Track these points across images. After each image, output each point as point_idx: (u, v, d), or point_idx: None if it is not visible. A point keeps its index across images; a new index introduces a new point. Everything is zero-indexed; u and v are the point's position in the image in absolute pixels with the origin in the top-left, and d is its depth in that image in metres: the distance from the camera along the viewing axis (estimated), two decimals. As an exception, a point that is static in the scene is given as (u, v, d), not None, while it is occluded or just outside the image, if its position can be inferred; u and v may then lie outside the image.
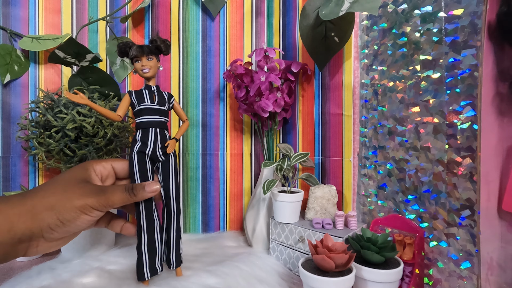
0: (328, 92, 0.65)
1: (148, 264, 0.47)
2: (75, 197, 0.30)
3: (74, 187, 0.31)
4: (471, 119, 0.44)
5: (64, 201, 0.29)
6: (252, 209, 0.68)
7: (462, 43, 0.45)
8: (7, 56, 0.66)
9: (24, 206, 0.28)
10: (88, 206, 0.30)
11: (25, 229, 0.27)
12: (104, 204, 0.32)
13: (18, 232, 0.27)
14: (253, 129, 0.78)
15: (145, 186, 0.36)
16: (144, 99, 0.49)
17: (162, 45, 0.50)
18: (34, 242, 0.29)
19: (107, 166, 0.38)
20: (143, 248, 0.47)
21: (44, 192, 0.30)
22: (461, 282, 0.45)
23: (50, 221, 0.28)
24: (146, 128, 0.49)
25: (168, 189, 0.50)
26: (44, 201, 0.29)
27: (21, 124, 0.59)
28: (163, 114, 0.51)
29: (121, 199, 0.33)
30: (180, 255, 0.52)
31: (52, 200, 0.29)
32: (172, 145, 0.50)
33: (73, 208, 0.29)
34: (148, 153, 0.48)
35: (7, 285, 0.49)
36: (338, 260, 0.41)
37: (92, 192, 0.31)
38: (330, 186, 0.60)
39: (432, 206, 0.49)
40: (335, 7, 0.51)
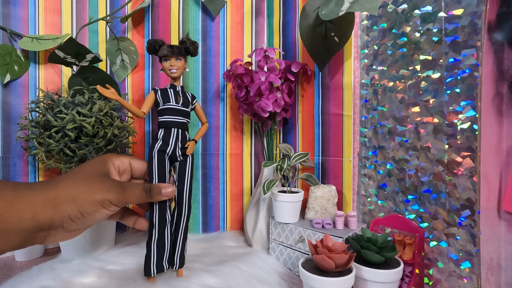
0: (328, 92, 0.65)
1: (155, 260, 0.48)
2: (96, 191, 0.31)
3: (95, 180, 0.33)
4: (471, 119, 0.44)
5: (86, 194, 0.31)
6: (252, 209, 0.68)
7: (462, 43, 0.45)
8: (7, 56, 0.66)
9: (48, 195, 0.29)
10: (108, 201, 0.32)
11: (47, 219, 0.28)
12: (122, 200, 0.33)
13: (41, 221, 0.28)
14: (253, 129, 0.78)
15: (162, 189, 0.38)
16: (169, 99, 0.51)
17: (191, 47, 0.51)
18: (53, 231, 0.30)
19: (125, 162, 0.40)
20: (153, 245, 0.48)
21: (66, 183, 0.31)
22: (461, 282, 0.45)
23: (71, 212, 0.29)
24: (169, 128, 0.50)
25: (182, 190, 0.51)
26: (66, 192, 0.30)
27: (21, 124, 0.59)
28: (186, 115, 0.52)
29: (138, 197, 0.35)
30: (184, 257, 0.52)
31: (74, 192, 0.30)
32: (192, 147, 0.51)
33: (93, 201, 0.31)
34: (168, 152, 0.49)
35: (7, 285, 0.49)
36: (338, 260, 0.41)
37: (112, 188, 0.33)
38: (330, 186, 0.60)
39: (432, 206, 0.49)
40: (335, 7, 0.51)
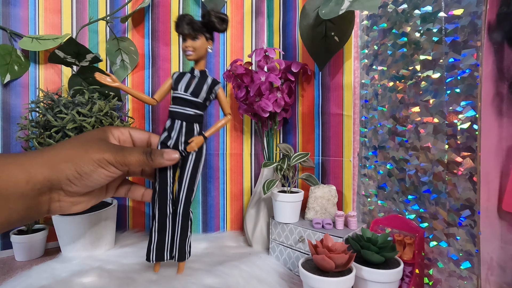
0: (328, 92, 0.65)
1: (155, 247, 0.46)
2: (93, 151, 0.31)
3: (93, 143, 0.32)
4: (471, 119, 0.44)
5: (82, 153, 0.30)
6: (252, 209, 0.68)
7: (462, 43, 0.45)
8: (7, 56, 0.66)
9: (42, 158, 0.28)
10: (105, 160, 0.31)
11: (44, 179, 0.28)
12: (120, 161, 0.32)
13: (37, 183, 0.27)
14: (253, 129, 0.78)
15: (164, 153, 0.37)
16: (178, 86, 0.45)
17: (215, 20, 0.42)
18: (55, 194, 0.29)
19: (125, 132, 0.39)
20: (154, 232, 0.46)
21: (62, 145, 0.31)
22: (461, 282, 0.45)
23: (68, 172, 0.29)
24: (173, 118, 0.45)
25: (179, 189, 0.46)
26: (62, 153, 0.30)
27: (21, 124, 0.59)
28: (196, 106, 0.45)
29: (138, 160, 0.34)
30: (184, 251, 0.48)
31: (70, 153, 0.30)
32: (196, 143, 0.44)
33: (90, 160, 0.30)
34: (170, 146, 0.44)
35: (7, 285, 0.49)
36: (338, 260, 0.41)
37: (109, 148, 0.32)
38: (330, 186, 0.60)
39: (432, 206, 0.49)
40: (335, 6, 0.51)
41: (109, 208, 0.63)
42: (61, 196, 0.30)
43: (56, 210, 0.30)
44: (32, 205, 0.28)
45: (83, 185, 0.31)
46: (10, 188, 0.26)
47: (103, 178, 0.32)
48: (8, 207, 0.26)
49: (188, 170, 0.46)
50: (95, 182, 0.32)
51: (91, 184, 0.31)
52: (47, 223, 0.69)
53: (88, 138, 0.33)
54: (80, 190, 0.31)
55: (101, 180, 0.32)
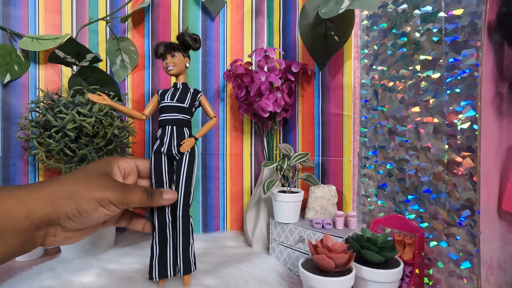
0: (328, 92, 0.65)
1: (157, 264, 0.46)
2: (95, 189, 0.30)
3: (96, 179, 0.31)
4: (471, 119, 0.44)
5: (84, 191, 0.29)
6: (252, 209, 0.68)
7: (462, 43, 0.45)
8: (7, 56, 0.66)
9: (43, 193, 0.28)
10: (107, 200, 0.30)
11: (43, 215, 0.27)
12: (122, 201, 0.32)
13: (36, 219, 0.27)
14: (253, 129, 0.78)
15: (163, 193, 0.37)
16: (165, 97, 0.50)
17: (188, 39, 0.49)
18: (52, 229, 0.29)
19: (131, 163, 0.39)
20: (154, 247, 0.46)
21: (65, 180, 0.30)
22: (461, 282, 0.45)
23: (68, 209, 0.28)
24: (164, 125, 0.49)
25: (177, 191, 0.47)
26: (63, 189, 0.29)
27: (21, 124, 0.59)
28: (182, 111, 0.50)
29: (139, 199, 0.34)
30: (190, 262, 0.47)
31: (72, 189, 0.29)
32: (188, 144, 0.48)
33: (91, 199, 0.29)
34: (164, 151, 0.48)
35: (7, 285, 0.49)
36: (338, 260, 0.41)
37: (112, 187, 0.31)
38: (330, 186, 0.60)
39: (432, 206, 0.49)
40: (334, 5, 0.51)
41: (109, 208, 0.63)
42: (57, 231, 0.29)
43: (49, 244, 0.30)
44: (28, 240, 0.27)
45: (82, 223, 0.30)
46: (8, 223, 0.25)
47: (102, 217, 0.31)
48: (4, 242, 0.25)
49: (183, 172, 0.48)
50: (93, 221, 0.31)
51: (89, 222, 0.31)
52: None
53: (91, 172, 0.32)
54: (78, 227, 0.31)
55: (99, 219, 0.31)
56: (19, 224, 0.26)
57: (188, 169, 0.48)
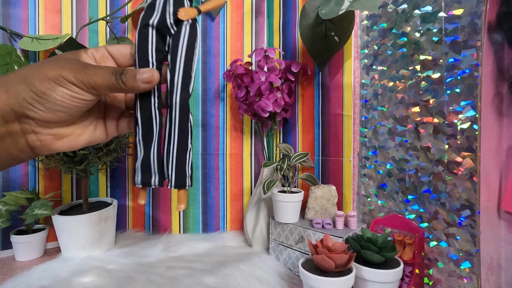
0: (328, 92, 0.65)
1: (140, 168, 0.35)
2: (49, 68, 0.27)
3: (51, 61, 0.28)
4: (471, 119, 0.44)
5: (36, 72, 0.27)
6: (252, 209, 0.68)
7: (462, 43, 0.45)
8: (7, 56, 0.66)
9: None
10: (62, 77, 0.27)
11: (2, 104, 0.25)
12: (84, 80, 0.27)
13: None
14: (253, 129, 0.78)
15: (138, 73, 0.30)
16: None
17: None
18: (25, 124, 0.27)
19: (100, 49, 0.33)
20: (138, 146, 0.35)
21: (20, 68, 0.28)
22: (461, 282, 0.45)
23: (24, 94, 0.26)
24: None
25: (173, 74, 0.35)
26: (16, 74, 0.27)
27: (21, 124, 0.59)
28: None
29: (105, 82, 0.28)
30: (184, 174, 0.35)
31: (24, 73, 0.27)
32: (188, 13, 0.34)
33: (44, 77, 0.26)
34: (153, 23, 0.34)
35: (7, 285, 0.49)
36: (338, 260, 0.41)
37: (69, 65, 0.28)
38: (330, 186, 0.60)
39: (432, 206, 0.49)
40: (335, 6, 0.51)
41: (109, 208, 0.63)
42: (32, 126, 0.27)
43: (37, 145, 0.27)
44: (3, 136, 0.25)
45: (49, 109, 0.27)
46: None
47: (69, 100, 0.27)
48: None
49: (182, 47, 0.35)
50: (61, 105, 0.27)
51: (57, 107, 0.27)
52: (47, 223, 0.69)
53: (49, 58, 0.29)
54: (50, 116, 0.27)
55: (67, 102, 0.27)
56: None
57: (188, 44, 0.35)
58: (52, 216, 0.60)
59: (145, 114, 0.34)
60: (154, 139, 0.35)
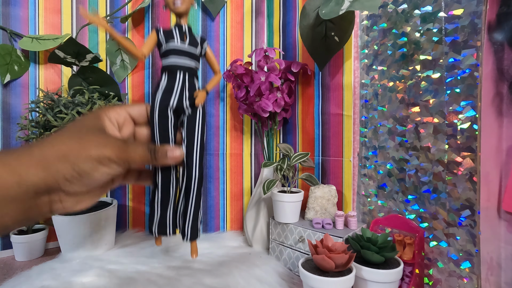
0: (328, 92, 0.65)
1: (158, 221, 0.42)
2: (92, 146, 0.27)
3: (90, 135, 0.28)
4: (471, 119, 0.44)
5: (79, 150, 0.27)
6: (252, 209, 0.68)
7: (462, 43, 0.45)
8: (7, 56, 0.66)
9: (32, 156, 0.25)
10: (106, 158, 0.28)
11: (38, 181, 0.25)
12: (123, 158, 0.29)
13: (31, 186, 0.25)
14: (253, 129, 0.78)
15: (168, 152, 0.33)
16: (173, 38, 0.42)
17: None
18: (55, 196, 0.27)
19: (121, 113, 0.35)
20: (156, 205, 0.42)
21: (54, 140, 0.27)
22: (461, 282, 0.45)
23: (65, 172, 0.26)
24: (173, 72, 0.41)
25: (192, 149, 0.42)
26: (54, 150, 0.26)
27: (21, 124, 0.59)
28: (194, 58, 0.43)
29: (141, 157, 0.31)
30: (197, 228, 0.43)
31: (64, 149, 0.26)
32: (202, 96, 0.42)
33: (89, 157, 0.27)
34: (172, 105, 0.41)
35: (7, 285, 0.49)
36: (338, 260, 0.41)
37: (110, 143, 0.28)
38: (330, 186, 0.60)
39: (432, 206, 0.49)
40: (335, 6, 0.51)
41: (109, 208, 0.63)
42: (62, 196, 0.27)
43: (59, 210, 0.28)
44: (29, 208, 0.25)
45: (84, 185, 0.28)
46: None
47: (104, 177, 0.29)
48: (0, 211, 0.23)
49: (198, 127, 0.42)
50: (96, 181, 0.28)
51: (92, 183, 0.28)
52: (47, 223, 0.69)
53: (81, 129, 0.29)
54: (83, 190, 0.28)
55: (102, 179, 0.29)
56: (11, 192, 0.24)
57: (202, 126, 0.43)
58: (52, 216, 0.60)
59: (165, 182, 0.41)
60: (170, 203, 0.42)
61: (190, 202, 0.43)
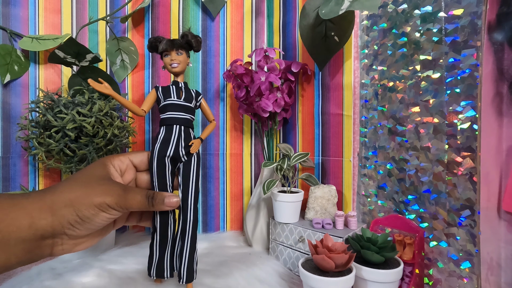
0: (328, 92, 0.65)
1: (156, 263, 0.46)
2: (95, 194, 0.30)
3: (94, 183, 0.31)
4: (471, 119, 0.44)
5: (83, 197, 0.29)
6: (252, 209, 0.68)
7: (462, 43, 0.45)
8: (7, 56, 0.66)
9: (44, 201, 0.28)
10: (106, 205, 0.30)
11: (46, 225, 0.27)
12: (122, 205, 0.32)
13: (40, 229, 0.27)
14: (253, 129, 0.78)
15: (165, 198, 0.36)
16: (170, 95, 0.47)
17: (193, 40, 0.48)
18: (58, 239, 0.29)
19: (124, 160, 0.38)
20: (154, 248, 0.45)
21: (64, 187, 0.30)
22: (461, 282, 0.45)
23: (69, 217, 0.28)
24: (170, 125, 0.46)
25: (187, 195, 0.46)
26: (63, 196, 0.29)
27: (21, 124, 0.59)
28: (189, 111, 0.48)
29: (139, 203, 0.33)
30: (193, 270, 0.46)
31: (71, 196, 0.29)
32: (197, 145, 0.47)
33: (91, 205, 0.29)
34: (169, 154, 0.45)
35: (7, 285, 0.49)
36: (338, 260, 0.41)
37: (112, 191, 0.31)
38: (330, 186, 0.60)
39: (432, 206, 0.49)
40: (335, 6, 0.51)
41: (109, 208, 0.63)
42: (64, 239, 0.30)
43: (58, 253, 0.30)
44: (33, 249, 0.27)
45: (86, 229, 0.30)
46: (12, 233, 0.25)
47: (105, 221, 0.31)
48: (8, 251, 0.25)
49: (193, 175, 0.46)
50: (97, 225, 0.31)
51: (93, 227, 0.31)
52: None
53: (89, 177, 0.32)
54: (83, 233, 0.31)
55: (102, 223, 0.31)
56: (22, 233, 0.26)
57: (197, 172, 0.47)
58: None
59: (163, 225, 0.44)
60: (168, 245, 0.46)
61: (186, 244, 0.46)
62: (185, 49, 0.49)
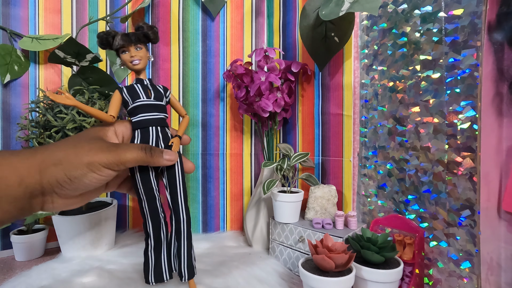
0: (328, 92, 0.65)
1: (153, 269, 0.44)
2: (84, 153, 0.29)
3: (84, 143, 0.30)
4: (471, 119, 0.44)
5: (72, 156, 0.28)
6: (252, 209, 0.68)
7: (462, 43, 0.45)
8: (7, 56, 0.66)
9: (34, 160, 0.27)
10: (97, 163, 0.29)
11: (35, 184, 0.27)
12: (115, 161, 0.30)
13: (29, 187, 0.26)
14: (253, 129, 0.78)
15: (164, 152, 0.35)
16: (138, 95, 0.43)
17: (150, 32, 0.43)
18: (48, 197, 0.29)
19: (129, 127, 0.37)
20: (149, 253, 0.44)
21: (54, 147, 0.29)
22: (461, 282, 0.45)
23: (58, 176, 0.28)
24: (146, 128, 0.42)
25: (176, 196, 0.44)
26: (52, 155, 0.28)
27: (21, 124, 0.59)
28: (162, 110, 0.44)
29: (135, 157, 0.32)
30: (193, 266, 0.46)
31: (60, 155, 0.28)
32: (177, 144, 0.44)
33: (80, 164, 0.28)
34: None
35: (7, 285, 0.49)
36: (338, 260, 0.41)
37: (101, 148, 0.30)
38: (330, 186, 0.60)
39: (432, 206, 0.49)
40: (335, 7, 0.51)
41: (109, 208, 0.63)
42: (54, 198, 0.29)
43: (49, 210, 0.29)
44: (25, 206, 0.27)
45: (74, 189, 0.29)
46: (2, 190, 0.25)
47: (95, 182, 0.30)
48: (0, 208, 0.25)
49: (179, 174, 0.44)
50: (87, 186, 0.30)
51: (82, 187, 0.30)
52: (47, 223, 0.69)
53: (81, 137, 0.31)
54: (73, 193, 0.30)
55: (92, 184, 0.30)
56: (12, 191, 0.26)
57: (181, 169, 0.45)
58: (52, 216, 0.60)
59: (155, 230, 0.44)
60: (163, 248, 0.45)
61: (183, 243, 0.45)
62: (143, 42, 0.44)
